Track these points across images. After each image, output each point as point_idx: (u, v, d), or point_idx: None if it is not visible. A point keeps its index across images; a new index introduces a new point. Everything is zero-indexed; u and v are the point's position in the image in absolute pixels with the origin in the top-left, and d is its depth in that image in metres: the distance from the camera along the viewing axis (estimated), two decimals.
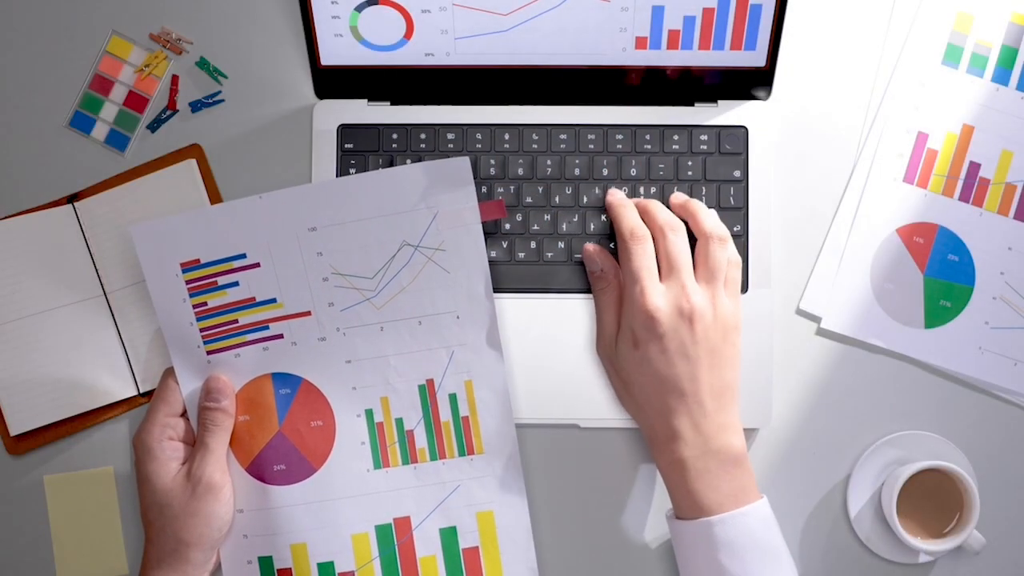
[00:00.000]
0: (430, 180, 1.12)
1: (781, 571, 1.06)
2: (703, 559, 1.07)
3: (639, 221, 1.13)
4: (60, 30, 1.21)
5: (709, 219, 1.13)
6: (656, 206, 1.15)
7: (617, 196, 1.16)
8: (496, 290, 1.16)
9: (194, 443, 1.12)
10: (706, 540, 1.06)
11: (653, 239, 1.13)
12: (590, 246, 1.16)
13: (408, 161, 1.18)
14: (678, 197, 1.17)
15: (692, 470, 1.07)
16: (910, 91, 1.20)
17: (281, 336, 1.13)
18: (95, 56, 1.21)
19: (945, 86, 1.20)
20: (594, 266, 1.15)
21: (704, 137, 1.19)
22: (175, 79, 1.21)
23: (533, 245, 1.18)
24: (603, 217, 1.18)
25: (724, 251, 1.12)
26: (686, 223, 1.14)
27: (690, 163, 1.18)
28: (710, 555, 1.06)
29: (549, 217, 1.18)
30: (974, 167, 1.19)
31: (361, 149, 1.19)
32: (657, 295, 1.09)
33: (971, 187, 1.19)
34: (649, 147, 1.19)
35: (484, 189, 1.18)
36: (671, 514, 1.11)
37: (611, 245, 1.17)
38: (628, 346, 1.10)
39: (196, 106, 1.21)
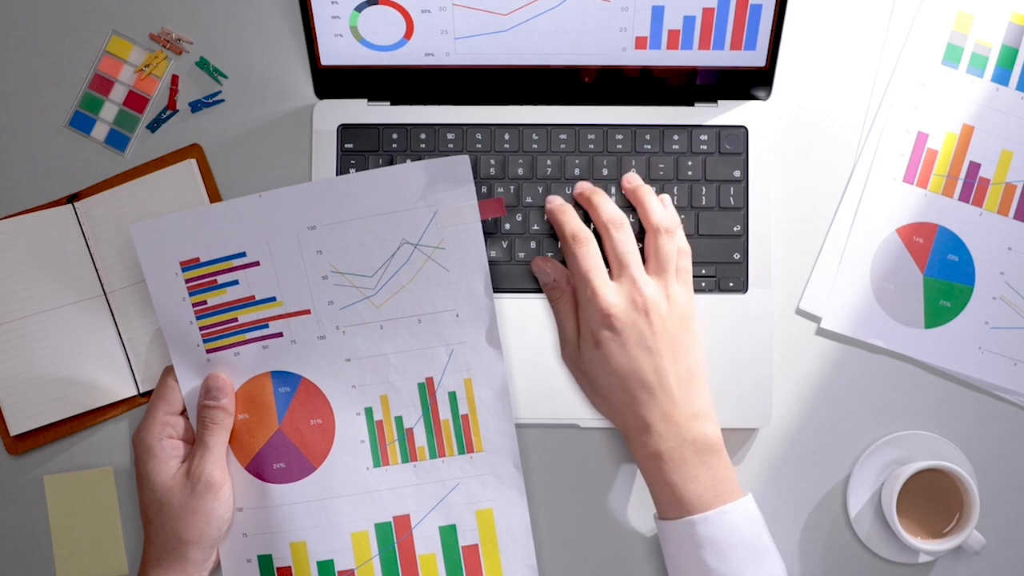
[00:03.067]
0: (430, 178, 1.12)
1: (767, 568, 1.06)
2: (688, 559, 1.07)
3: (579, 223, 1.14)
4: (60, 30, 1.21)
5: (656, 211, 1.14)
6: (599, 200, 1.15)
7: (556, 202, 1.17)
8: (496, 290, 1.16)
9: (194, 441, 1.12)
10: (690, 539, 1.06)
11: (599, 238, 1.13)
12: (538, 258, 1.17)
13: (408, 161, 1.18)
14: (630, 181, 1.17)
15: (668, 462, 1.07)
16: (910, 91, 1.20)
17: (281, 334, 1.13)
18: (95, 56, 1.21)
19: (945, 86, 1.20)
20: (546, 277, 1.16)
21: (704, 137, 1.19)
22: (175, 79, 1.21)
23: (533, 245, 1.18)
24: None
25: (673, 242, 1.13)
26: (634, 211, 1.16)
27: (690, 163, 1.18)
28: (695, 554, 1.06)
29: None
30: (974, 167, 1.19)
31: (361, 149, 1.19)
32: (610, 292, 1.10)
33: (971, 187, 1.19)
34: (649, 147, 1.19)
35: (484, 189, 1.18)
36: (656, 515, 1.11)
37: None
38: (590, 347, 1.11)
39: (196, 106, 1.21)
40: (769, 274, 1.17)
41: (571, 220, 1.15)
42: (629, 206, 1.17)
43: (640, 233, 1.15)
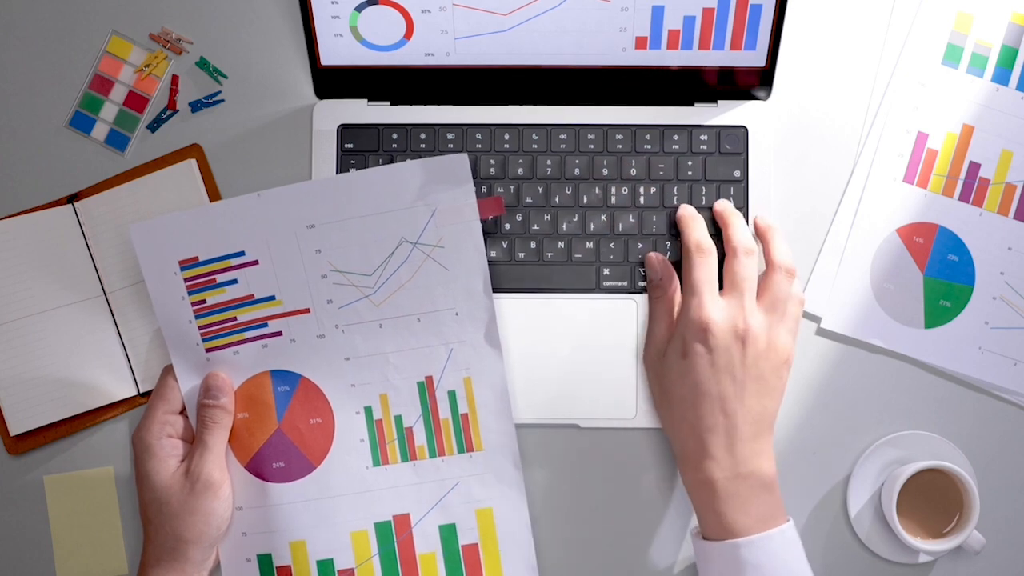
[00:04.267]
0: (429, 177, 1.12)
1: None
2: None
3: (707, 235, 1.14)
4: (60, 30, 1.21)
5: (782, 250, 1.13)
6: (738, 222, 1.15)
7: (689, 210, 1.16)
8: (496, 290, 1.16)
9: (193, 441, 1.12)
10: (732, 562, 1.06)
11: (725, 257, 1.13)
12: (653, 254, 1.16)
13: (408, 160, 1.17)
14: (763, 219, 1.17)
15: (721, 492, 1.07)
16: (910, 91, 1.20)
17: (280, 333, 1.13)
18: (95, 56, 1.21)
19: (945, 86, 1.20)
20: (653, 274, 1.15)
21: (704, 137, 1.19)
22: (175, 79, 1.21)
23: (533, 245, 1.18)
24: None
25: (790, 283, 1.12)
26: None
27: (690, 163, 1.18)
28: None
29: (549, 217, 1.18)
30: (974, 167, 1.19)
31: (361, 149, 1.19)
32: (715, 308, 1.09)
33: (971, 187, 1.19)
34: (649, 147, 1.19)
35: (484, 189, 1.18)
36: (696, 532, 1.11)
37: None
38: (677, 355, 1.10)
39: (196, 106, 1.21)
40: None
41: (699, 228, 1.14)
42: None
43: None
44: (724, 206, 1.16)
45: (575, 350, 1.17)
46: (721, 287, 1.12)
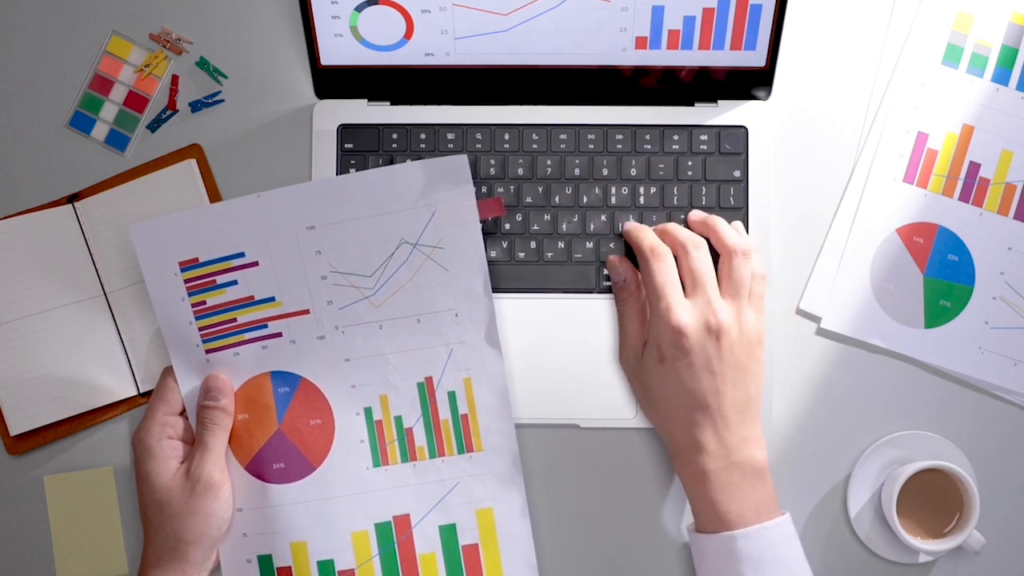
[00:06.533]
0: (428, 178, 1.12)
1: None
2: (726, 573, 1.06)
3: (658, 240, 1.13)
4: (60, 30, 1.21)
5: (731, 234, 1.13)
6: (674, 226, 1.15)
7: (631, 223, 1.16)
8: (496, 290, 1.16)
9: (193, 442, 1.12)
10: (729, 554, 1.06)
11: (676, 256, 1.13)
12: (614, 257, 1.16)
13: (408, 161, 1.18)
14: (696, 215, 1.16)
15: (715, 482, 1.07)
16: (910, 91, 1.20)
17: (280, 334, 1.13)
18: (95, 56, 1.21)
19: (945, 86, 1.20)
20: (617, 276, 1.15)
21: (704, 137, 1.19)
22: (175, 79, 1.21)
23: (533, 245, 1.18)
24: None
25: (748, 265, 1.12)
26: (708, 240, 1.14)
27: (690, 163, 1.18)
28: (733, 569, 1.06)
29: (549, 217, 1.18)
30: (974, 167, 1.19)
31: (361, 149, 1.19)
32: (683, 311, 1.09)
33: (971, 187, 1.19)
34: (649, 147, 1.19)
35: (484, 189, 1.18)
36: (692, 527, 1.11)
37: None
38: (654, 361, 1.10)
39: (196, 106, 1.21)
40: (769, 274, 1.17)
41: (649, 235, 1.14)
42: None
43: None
44: (658, 226, 1.16)
45: (575, 350, 1.17)
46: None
